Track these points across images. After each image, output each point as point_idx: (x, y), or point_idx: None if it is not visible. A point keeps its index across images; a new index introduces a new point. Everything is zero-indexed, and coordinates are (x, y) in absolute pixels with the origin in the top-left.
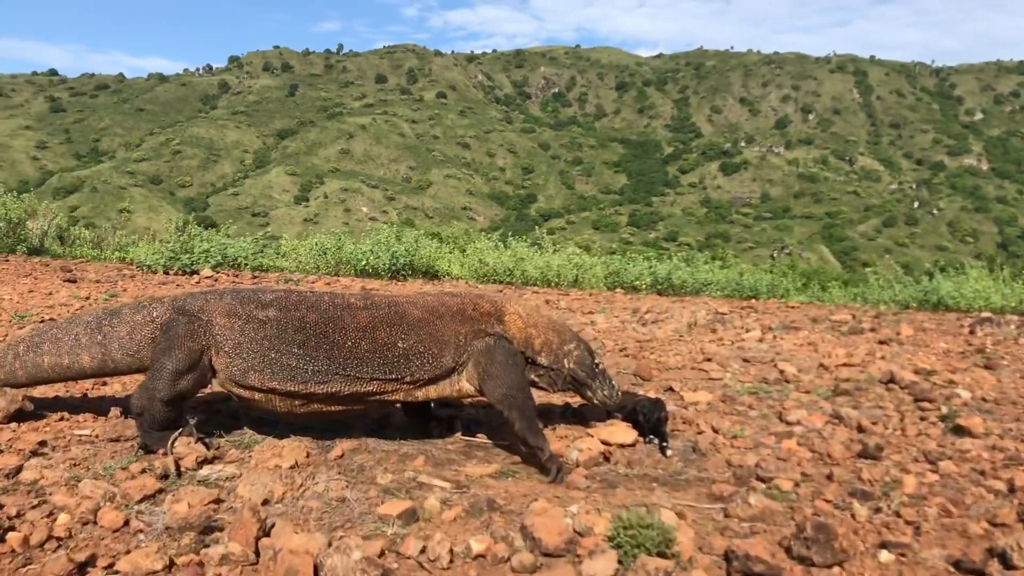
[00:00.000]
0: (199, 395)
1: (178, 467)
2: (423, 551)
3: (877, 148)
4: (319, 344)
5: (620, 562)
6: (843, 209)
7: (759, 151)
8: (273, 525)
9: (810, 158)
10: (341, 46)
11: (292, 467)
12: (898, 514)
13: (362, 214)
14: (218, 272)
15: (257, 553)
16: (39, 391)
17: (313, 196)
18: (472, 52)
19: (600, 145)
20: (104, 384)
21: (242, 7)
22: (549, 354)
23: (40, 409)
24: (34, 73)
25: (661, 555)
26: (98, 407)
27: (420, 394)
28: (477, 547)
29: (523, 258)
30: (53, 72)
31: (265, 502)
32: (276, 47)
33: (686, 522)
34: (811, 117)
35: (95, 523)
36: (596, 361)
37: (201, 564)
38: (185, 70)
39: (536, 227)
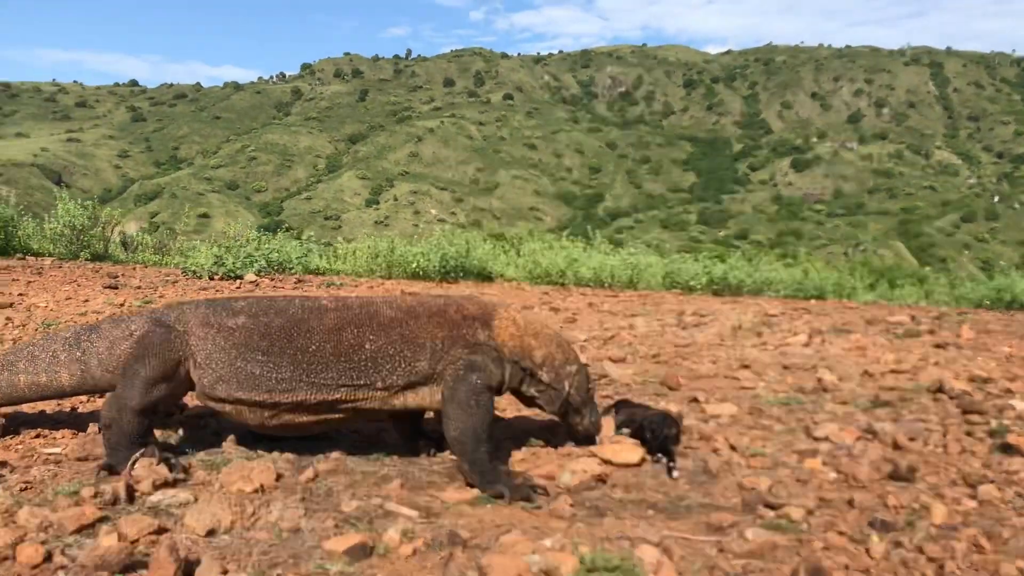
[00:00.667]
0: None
1: (131, 492)
2: None
3: (955, 141)
4: (283, 350)
5: None
6: (919, 204)
7: (831, 146)
8: (198, 563)
9: (884, 153)
10: (409, 51)
11: (254, 492)
12: (920, 550)
13: (431, 216)
14: (262, 276)
15: None
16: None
17: (383, 199)
18: (538, 53)
19: (668, 143)
20: (100, 397)
21: (313, 15)
22: (551, 371)
23: (23, 425)
24: (116, 84)
25: None
26: (83, 423)
27: (397, 402)
28: None
29: (576, 259)
30: (134, 83)
31: (211, 532)
32: (346, 54)
33: (671, 559)
34: (885, 111)
35: (14, 559)
36: (591, 387)
37: None
38: (259, 78)
39: (594, 228)
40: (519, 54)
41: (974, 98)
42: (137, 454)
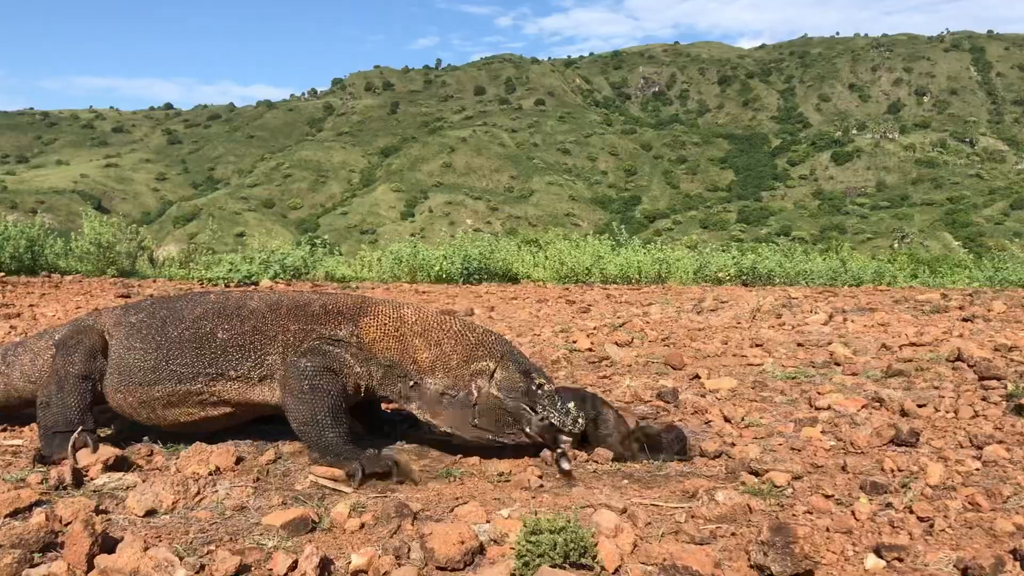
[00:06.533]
0: None
1: (78, 476)
2: (293, 567)
3: (1000, 127)
4: (152, 339)
5: (515, 575)
6: (966, 193)
7: (872, 138)
8: (120, 540)
9: (927, 142)
10: (439, 61)
11: (209, 474)
12: (910, 510)
13: (467, 226)
14: (277, 281)
15: (88, 573)
16: None
17: (418, 211)
18: (569, 57)
19: (704, 142)
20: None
21: (341, 30)
22: (447, 375)
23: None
24: (151, 108)
25: (575, 565)
26: None
27: (256, 395)
28: (358, 561)
29: (602, 256)
30: (168, 106)
31: (150, 513)
32: (376, 66)
33: (633, 525)
34: (926, 99)
35: None
36: (536, 382)
37: None
38: (291, 95)
39: (629, 231)
40: (549, 58)
41: (1018, 82)
42: (75, 435)
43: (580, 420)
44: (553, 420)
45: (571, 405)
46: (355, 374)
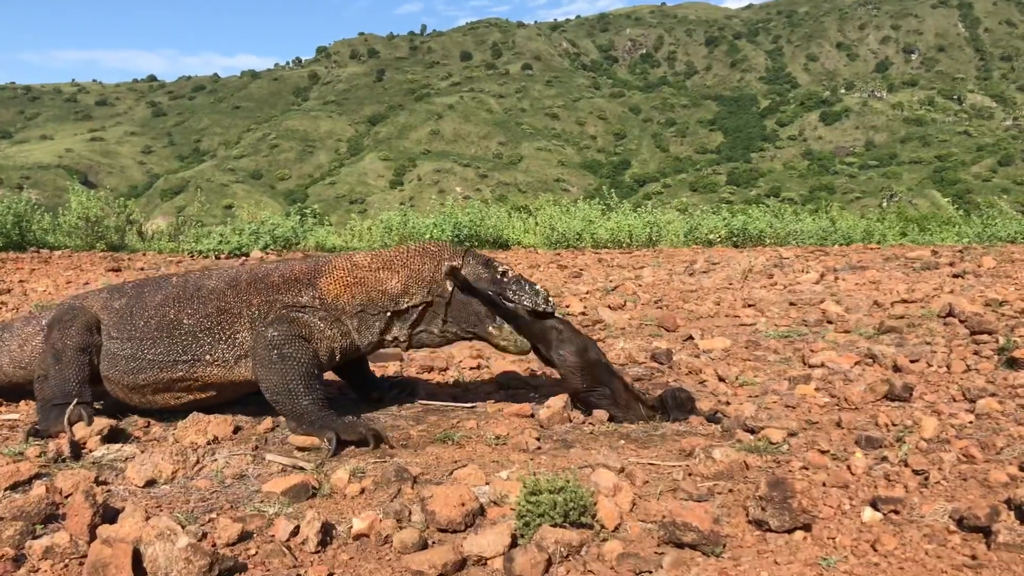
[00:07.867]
0: None
1: (77, 448)
2: (295, 533)
3: (988, 84)
4: (127, 328)
5: (515, 535)
6: (954, 151)
7: (860, 97)
8: (121, 510)
9: (915, 100)
10: (424, 27)
11: (208, 444)
12: (905, 463)
13: (456, 194)
14: (268, 252)
15: (90, 543)
16: None
17: (407, 180)
18: (555, 20)
19: (693, 104)
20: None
21: None
22: (421, 286)
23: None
24: (135, 81)
25: (576, 524)
26: None
27: (237, 375)
28: (359, 525)
29: (592, 220)
30: (152, 78)
31: (150, 483)
32: (361, 34)
33: (631, 484)
34: (914, 57)
35: None
36: (501, 269)
37: (17, 560)
38: (276, 64)
39: (619, 195)
40: (536, 22)
41: (1006, 37)
42: (70, 408)
43: (551, 299)
44: (525, 302)
45: (539, 287)
46: (328, 337)
